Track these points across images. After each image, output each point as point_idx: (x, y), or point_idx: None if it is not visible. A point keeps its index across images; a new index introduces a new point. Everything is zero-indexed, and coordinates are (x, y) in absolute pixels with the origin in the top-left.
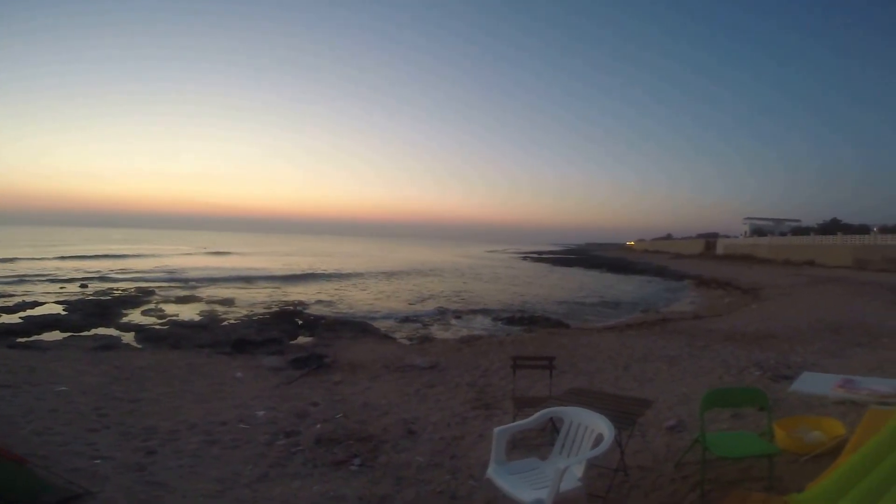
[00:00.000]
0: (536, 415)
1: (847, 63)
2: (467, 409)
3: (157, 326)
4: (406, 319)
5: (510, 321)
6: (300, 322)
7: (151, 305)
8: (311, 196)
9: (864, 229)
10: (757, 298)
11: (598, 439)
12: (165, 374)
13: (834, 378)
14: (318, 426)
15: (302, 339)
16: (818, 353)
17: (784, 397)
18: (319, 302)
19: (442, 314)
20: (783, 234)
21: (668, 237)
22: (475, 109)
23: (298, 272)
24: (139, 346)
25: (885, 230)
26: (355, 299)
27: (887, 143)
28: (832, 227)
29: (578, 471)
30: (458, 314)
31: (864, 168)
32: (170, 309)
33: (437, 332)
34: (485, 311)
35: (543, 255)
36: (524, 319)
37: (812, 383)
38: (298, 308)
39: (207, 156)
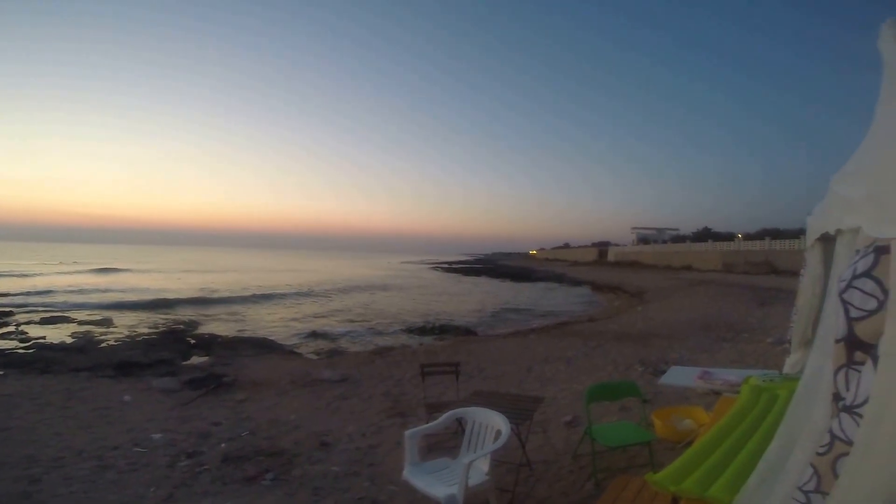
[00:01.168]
0: (443, 417)
1: (701, 86)
2: (383, 418)
3: (21, 351)
4: (314, 335)
5: (422, 331)
6: (192, 342)
7: (11, 329)
8: (216, 206)
9: (730, 236)
10: (642, 301)
11: (498, 435)
12: (37, 400)
13: (694, 371)
14: (224, 445)
15: (196, 360)
16: (692, 348)
17: (662, 390)
18: (215, 320)
19: (353, 327)
20: (664, 241)
21: (566, 246)
22: (380, 120)
23: (190, 294)
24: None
25: (747, 237)
26: (256, 316)
27: (751, 158)
28: (704, 234)
29: (484, 465)
30: (369, 327)
31: (731, 181)
32: (34, 331)
33: (347, 345)
34: (397, 323)
35: (454, 266)
36: (435, 329)
37: (678, 376)
38: (188, 328)
39: (82, 160)
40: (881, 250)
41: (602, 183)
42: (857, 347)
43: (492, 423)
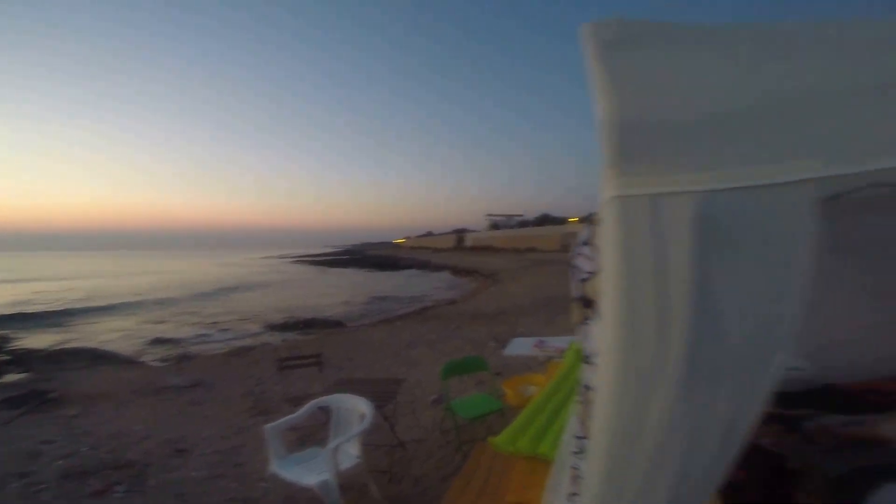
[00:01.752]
0: (304, 408)
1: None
2: (244, 418)
3: None
4: (157, 341)
5: (284, 327)
6: (5, 358)
7: None
8: (46, 204)
9: (565, 220)
10: (495, 282)
11: (363, 418)
12: None
13: (532, 341)
14: (61, 462)
15: (12, 377)
16: (537, 322)
17: (511, 362)
18: (36, 334)
19: (205, 330)
20: (512, 227)
21: (430, 234)
22: (236, 109)
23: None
24: None
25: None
26: (88, 328)
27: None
28: (544, 219)
29: (354, 449)
30: (224, 328)
31: (569, 169)
32: None
33: (199, 349)
34: (256, 322)
35: (319, 259)
36: (299, 324)
37: (518, 347)
38: None
39: None
40: (594, 220)
41: (460, 171)
42: (587, 305)
43: (356, 408)
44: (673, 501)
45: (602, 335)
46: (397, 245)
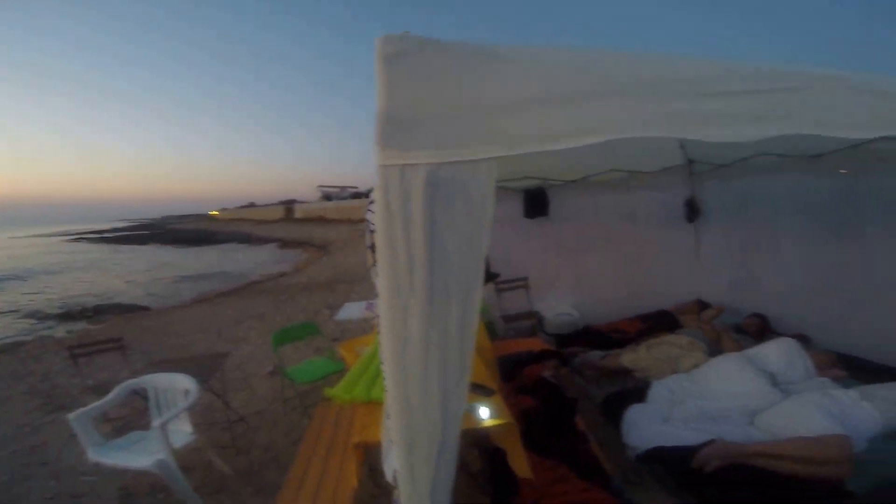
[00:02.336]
0: (113, 392)
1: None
2: (37, 416)
3: None
4: None
5: (66, 317)
6: None
7: None
8: None
9: None
10: (328, 252)
11: (187, 394)
12: None
13: (362, 304)
14: None
15: None
16: (371, 289)
17: (349, 326)
18: None
19: None
20: (345, 198)
21: (252, 205)
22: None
23: None
24: None
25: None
26: None
27: None
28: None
29: (186, 426)
30: None
31: None
32: None
33: None
34: (24, 313)
35: (107, 235)
36: (87, 311)
37: (350, 311)
38: None
39: None
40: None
41: (289, 142)
42: (374, 251)
43: (176, 385)
44: (444, 394)
45: (378, 270)
46: (212, 218)
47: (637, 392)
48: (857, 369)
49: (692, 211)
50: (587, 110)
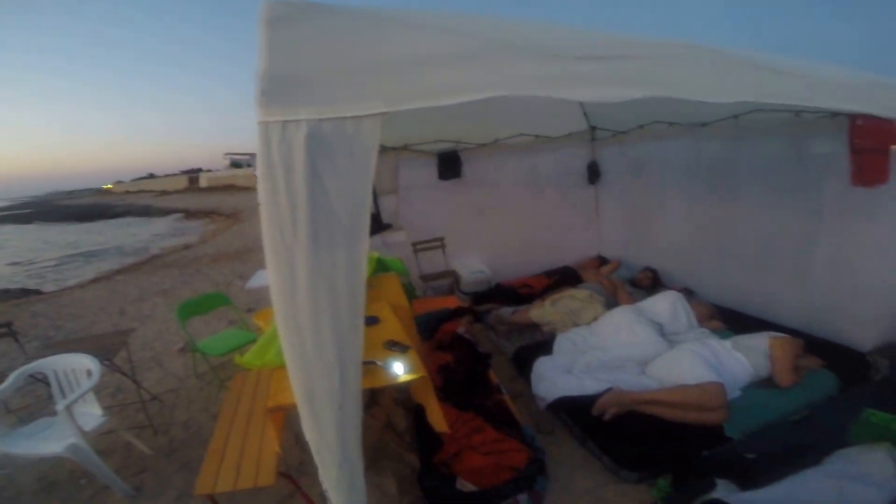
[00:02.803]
0: (9, 378)
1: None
2: None
3: None
4: None
5: None
6: None
7: None
8: None
9: None
10: (238, 221)
11: (90, 374)
12: None
13: None
14: None
15: None
16: None
17: (264, 296)
18: None
19: None
20: (251, 165)
21: (151, 176)
22: None
23: None
24: None
25: None
26: None
27: None
28: None
29: (95, 409)
30: None
31: None
32: None
33: None
34: None
35: None
36: None
37: (263, 278)
38: None
39: None
40: None
41: (192, 112)
42: None
43: (78, 366)
44: (338, 341)
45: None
46: (106, 192)
47: (544, 345)
48: (732, 321)
49: (593, 174)
50: (466, 70)
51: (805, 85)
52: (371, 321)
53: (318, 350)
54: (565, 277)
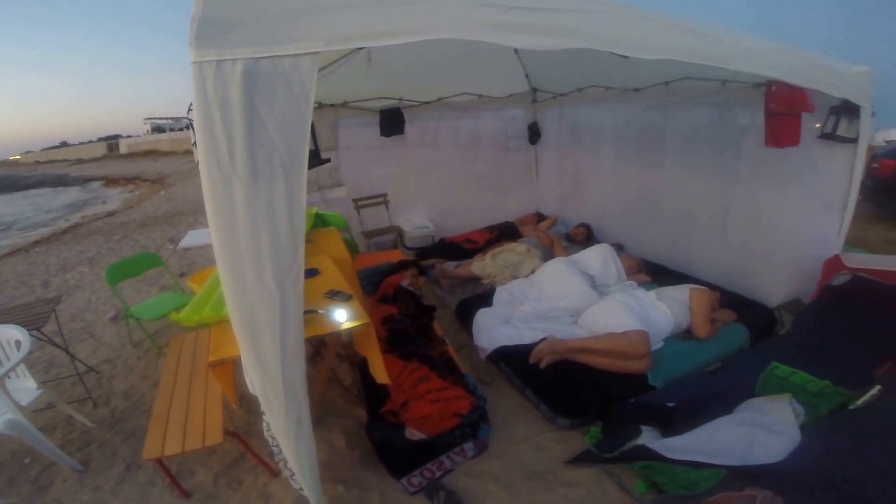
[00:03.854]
0: None
1: None
2: None
3: None
4: None
5: None
6: None
7: None
8: None
9: None
10: (164, 185)
11: (19, 346)
12: None
13: (207, 230)
14: None
15: None
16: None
17: (198, 259)
18: None
19: None
20: (181, 129)
21: (64, 144)
22: None
23: None
24: None
25: None
26: None
27: None
28: None
29: (29, 382)
30: None
31: None
32: None
33: None
34: None
35: None
36: None
37: (195, 238)
38: None
39: None
40: None
41: (108, 78)
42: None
43: (4, 338)
44: (278, 272)
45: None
46: (13, 163)
47: (484, 297)
48: (658, 275)
49: (534, 134)
50: (401, 13)
51: (725, 49)
52: (311, 273)
53: (258, 276)
54: (506, 232)
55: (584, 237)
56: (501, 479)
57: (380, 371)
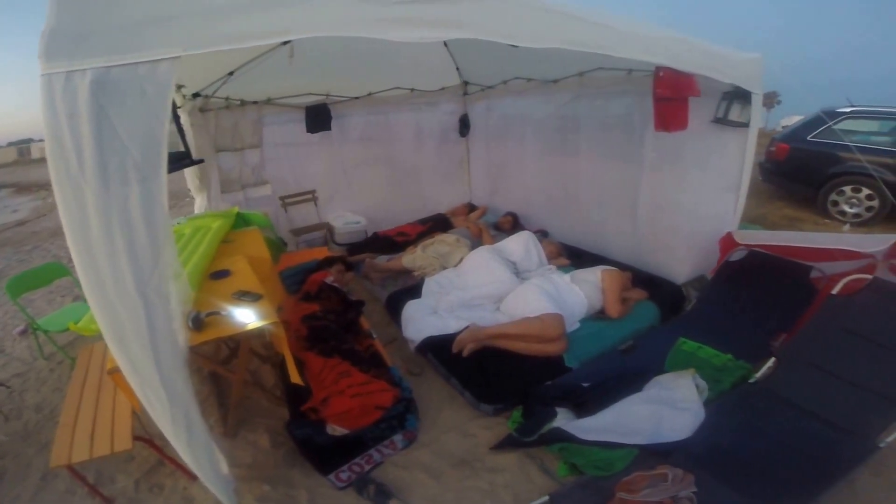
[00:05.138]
0: None
1: None
2: None
3: None
4: None
5: None
6: None
7: None
8: None
9: None
10: None
11: None
12: None
13: None
14: None
15: None
16: None
17: None
18: None
19: None
20: None
21: None
22: None
23: None
24: None
25: None
26: None
27: None
28: None
29: None
30: None
31: None
32: None
33: None
34: None
35: None
36: None
37: None
38: None
39: None
40: None
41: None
42: None
43: None
44: (137, 277)
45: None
46: None
47: (414, 289)
48: (577, 258)
49: (464, 126)
50: (273, 14)
51: (613, 38)
52: (222, 274)
53: (118, 284)
54: (438, 224)
55: (510, 225)
56: (431, 468)
57: (292, 371)
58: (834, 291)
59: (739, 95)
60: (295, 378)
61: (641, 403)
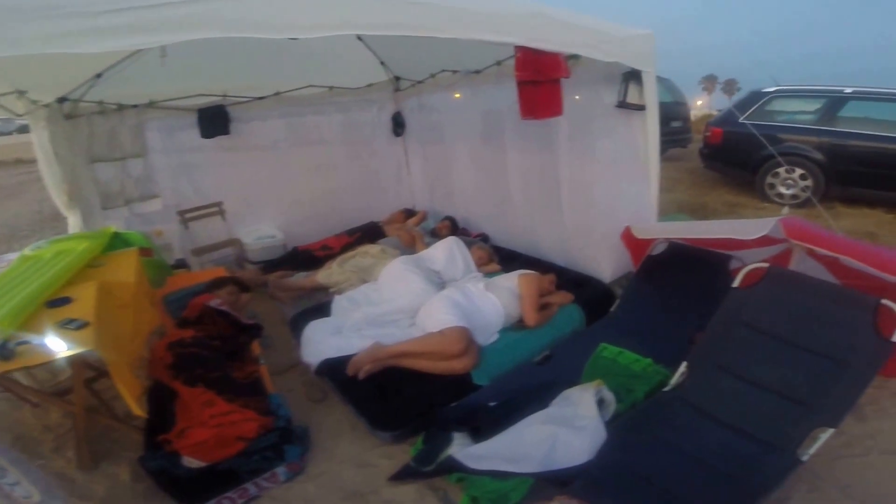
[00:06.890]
0: None
1: None
2: None
3: None
4: None
5: None
6: None
7: None
8: None
9: None
10: None
11: None
12: None
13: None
14: None
15: None
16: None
17: None
18: None
19: None
20: (10, 133)
21: None
22: None
23: None
24: None
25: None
26: None
27: None
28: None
29: None
30: None
31: None
32: None
33: None
34: None
35: None
36: None
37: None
38: None
39: None
40: None
41: None
42: None
43: None
44: None
45: None
46: None
47: (321, 308)
48: (510, 261)
49: (398, 125)
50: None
51: (439, 15)
52: (61, 302)
53: None
54: (368, 234)
55: (448, 231)
56: (314, 502)
57: (129, 400)
58: (735, 284)
59: (635, 76)
60: (135, 409)
61: (537, 424)
